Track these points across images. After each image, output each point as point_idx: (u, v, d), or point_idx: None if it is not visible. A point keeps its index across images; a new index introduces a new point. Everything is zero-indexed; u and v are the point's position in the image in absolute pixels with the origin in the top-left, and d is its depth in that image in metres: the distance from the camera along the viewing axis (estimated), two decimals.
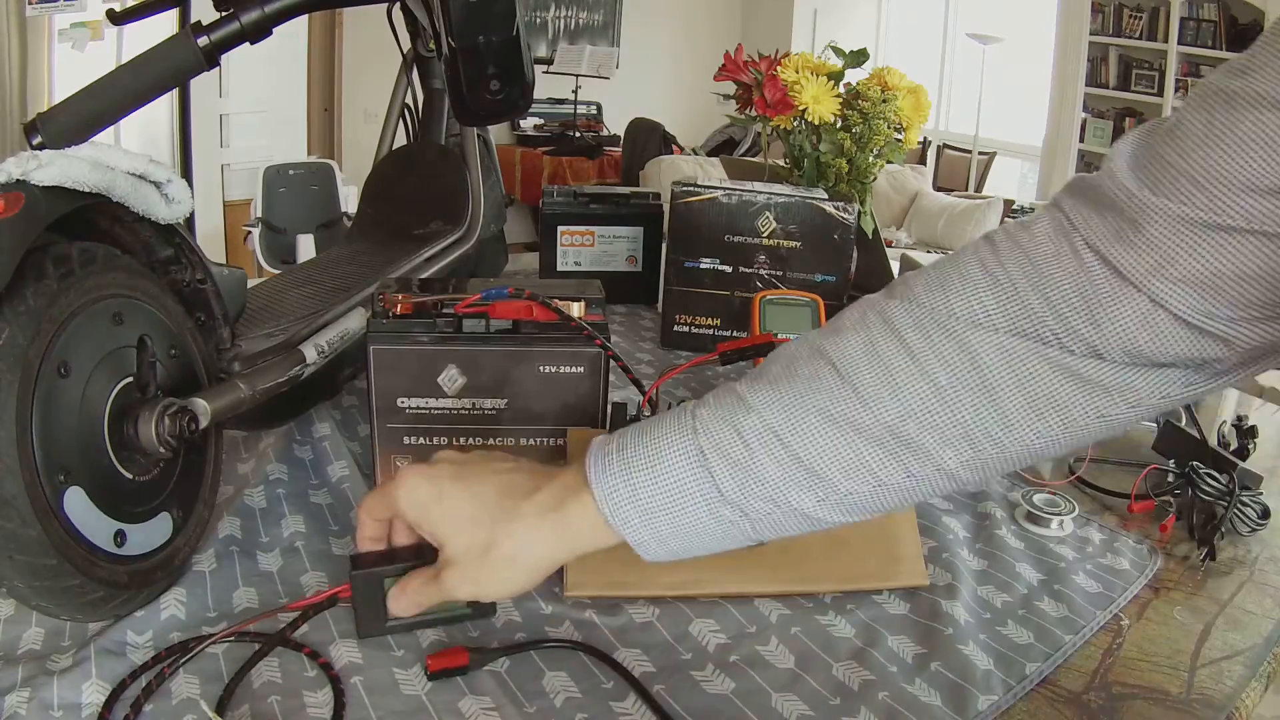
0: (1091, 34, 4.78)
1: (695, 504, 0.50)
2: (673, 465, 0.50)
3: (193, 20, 0.78)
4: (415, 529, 0.58)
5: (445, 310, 0.75)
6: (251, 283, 0.94)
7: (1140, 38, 4.58)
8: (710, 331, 1.18)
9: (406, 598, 0.58)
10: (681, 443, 0.50)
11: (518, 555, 0.53)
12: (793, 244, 1.13)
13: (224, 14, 0.79)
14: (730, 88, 1.29)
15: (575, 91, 5.22)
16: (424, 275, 1.11)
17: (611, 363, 0.77)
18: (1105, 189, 0.45)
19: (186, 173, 3.85)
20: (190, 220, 0.75)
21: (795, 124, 1.24)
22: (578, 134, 5.31)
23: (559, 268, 1.34)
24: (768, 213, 1.12)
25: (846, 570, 0.68)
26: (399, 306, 0.75)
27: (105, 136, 0.72)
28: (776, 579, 0.68)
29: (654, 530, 0.51)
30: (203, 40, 0.77)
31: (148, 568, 0.63)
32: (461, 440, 0.77)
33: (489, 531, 0.53)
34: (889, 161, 1.28)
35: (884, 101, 1.20)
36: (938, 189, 5.53)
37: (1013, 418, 0.47)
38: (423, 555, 0.59)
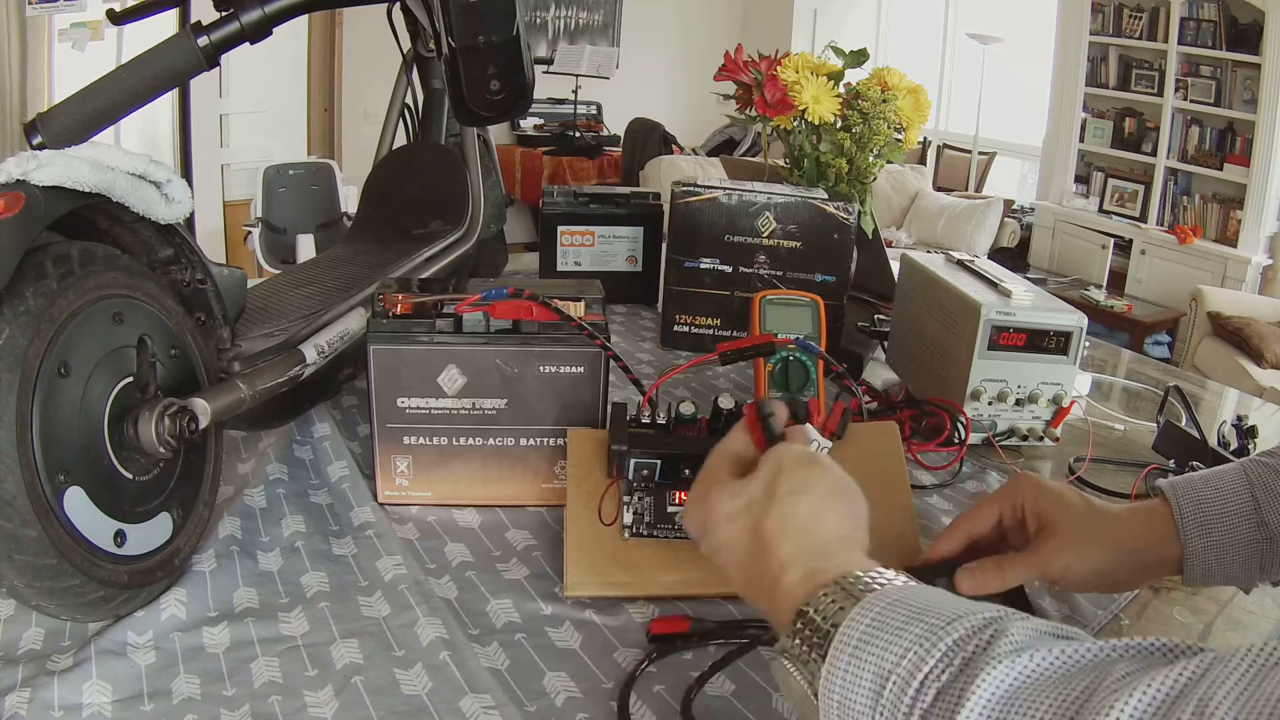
0: (1091, 34, 4.78)
1: None
2: None
3: (193, 20, 0.78)
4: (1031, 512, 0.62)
5: (445, 310, 0.75)
6: (251, 283, 0.94)
7: (1140, 38, 4.58)
8: (710, 331, 1.18)
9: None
10: None
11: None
12: (793, 244, 1.12)
13: (224, 14, 0.79)
14: (730, 88, 1.29)
15: (575, 91, 5.21)
16: (424, 275, 1.11)
17: (611, 363, 0.77)
18: None
19: (186, 173, 3.84)
20: (190, 220, 0.75)
21: (795, 124, 1.24)
22: (578, 134, 5.31)
23: (559, 268, 1.34)
24: (768, 213, 1.12)
25: None
26: (399, 306, 0.75)
27: (105, 136, 0.72)
28: None
29: None
30: (203, 40, 0.77)
31: (148, 568, 0.63)
32: (461, 441, 0.77)
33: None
34: (889, 161, 1.28)
35: (884, 101, 1.20)
36: (938, 189, 5.53)
37: None
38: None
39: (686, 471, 0.69)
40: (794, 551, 0.44)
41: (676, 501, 0.69)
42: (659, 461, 0.69)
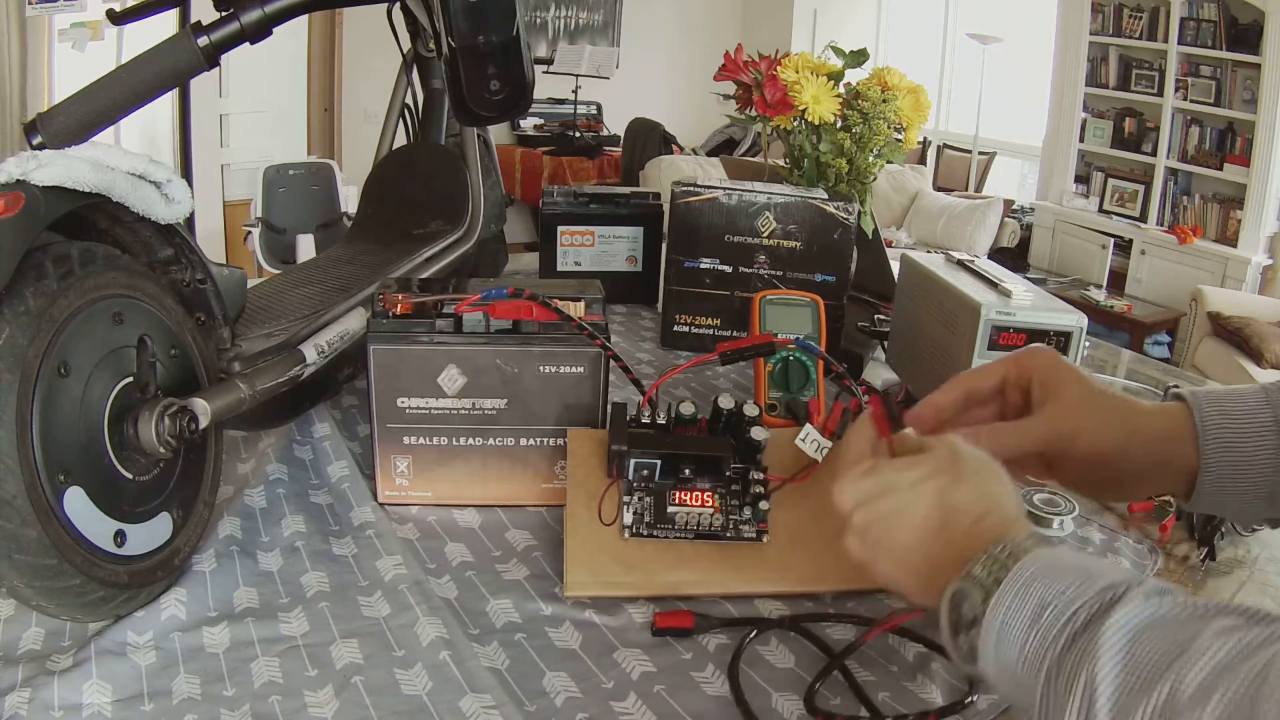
0: (1091, 34, 4.78)
1: None
2: None
3: (193, 20, 0.78)
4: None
5: (445, 310, 0.75)
6: (251, 283, 0.94)
7: (1140, 38, 4.58)
8: (710, 331, 1.18)
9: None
10: None
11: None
12: (793, 244, 1.12)
13: (224, 14, 0.79)
14: (730, 88, 1.29)
15: (575, 91, 5.21)
16: (424, 275, 1.11)
17: (611, 363, 0.77)
18: None
19: (186, 173, 3.84)
20: (190, 220, 0.75)
21: (795, 124, 1.24)
22: (578, 134, 5.31)
23: (559, 268, 1.34)
24: (768, 213, 1.12)
25: (846, 571, 0.68)
26: (399, 306, 0.75)
27: (105, 136, 0.72)
28: (776, 579, 0.68)
29: None
30: (203, 40, 0.77)
31: (148, 568, 0.63)
32: (461, 441, 0.77)
33: None
34: (889, 161, 1.28)
35: (884, 101, 1.20)
36: (938, 189, 5.53)
37: None
38: None
39: (686, 471, 0.69)
40: (987, 509, 0.50)
41: (676, 501, 0.69)
42: (659, 461, 0.69)
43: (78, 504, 0.58)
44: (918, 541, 0.51)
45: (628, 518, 0.69)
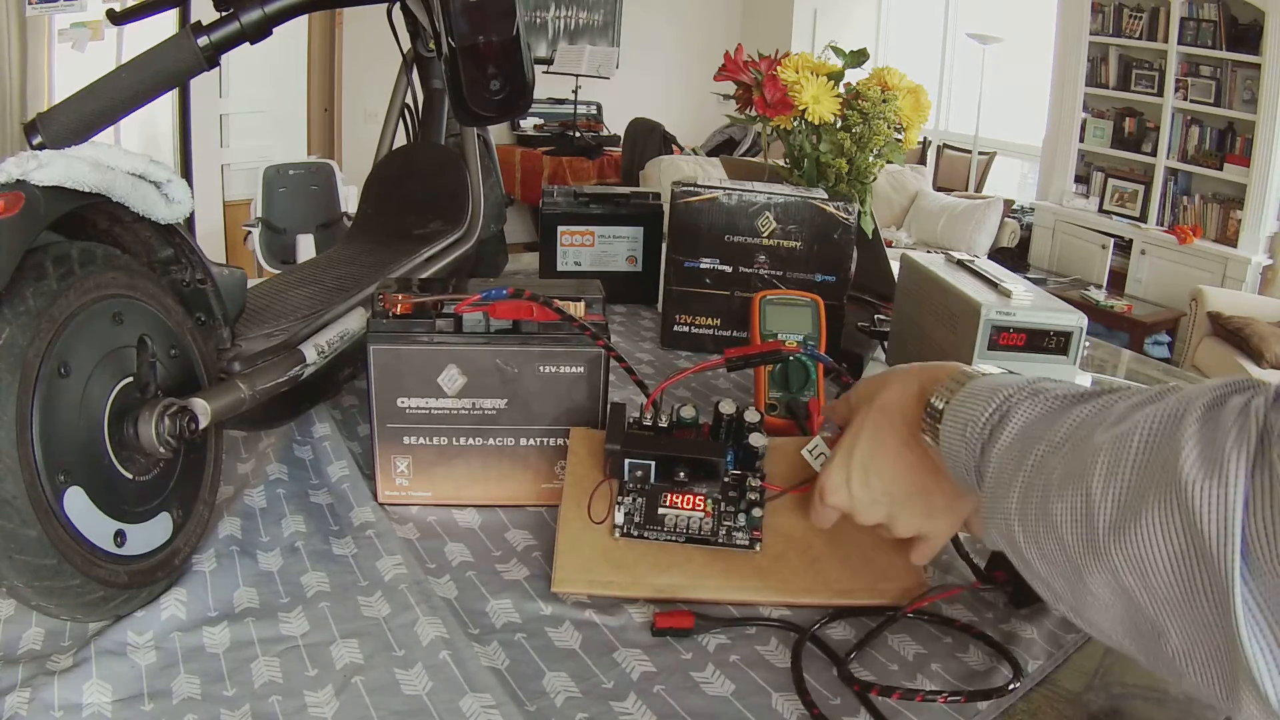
0: (1091, 34, 4.78)
1: None
2: None
3: (193, 20, 0.78)
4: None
5: (445, 310, 0.75)
6: (251, 283, 0.94)
7: (1140, 38, 4.58)
8: (710, 331, 1.18)
9: None
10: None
11: None
12: (793, 244, 1.12)
13: (224, 14, 0.79)
14: (730, 88, 1.29)
15: (575, 91, 5.22)
16: (424, 275, 1.11)
17: (611, 363, 0.77)
18: None
19: (186, 173, 3.84)
20: (190, 220, 0.75)
21: (795, 124, 1.24)
22: (578, 134, 5.31)
23: (559, 268, 1.34)
24: (768, 213, 1.12)
25: (838, 585, 0.68)
26: (399, 306, 0.75)
27: (105, 136, 0.72)
28: (767, 588, 0.67)
29: None
30: (203, 40, 0.77)
31: (148, 568, 0.64)
32: (461, 440, 0.77)
33: None
34: (889, 161, 1.28)
35: (884, 101, 1.20)
36: (938, 189, 5.53)
37: None
38: None
39: (681, 474, 0.69)
40: (918, 385, 0.59)
41: (667, 503, 0.69)
42: (654, 463, 0.69)
43: (78, 504, 0.58)
44: (895, 445, 0.59)
45: (619, 517, 0.69)
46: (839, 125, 1.23)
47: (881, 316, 1.24)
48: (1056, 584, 0.44)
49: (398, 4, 1.14)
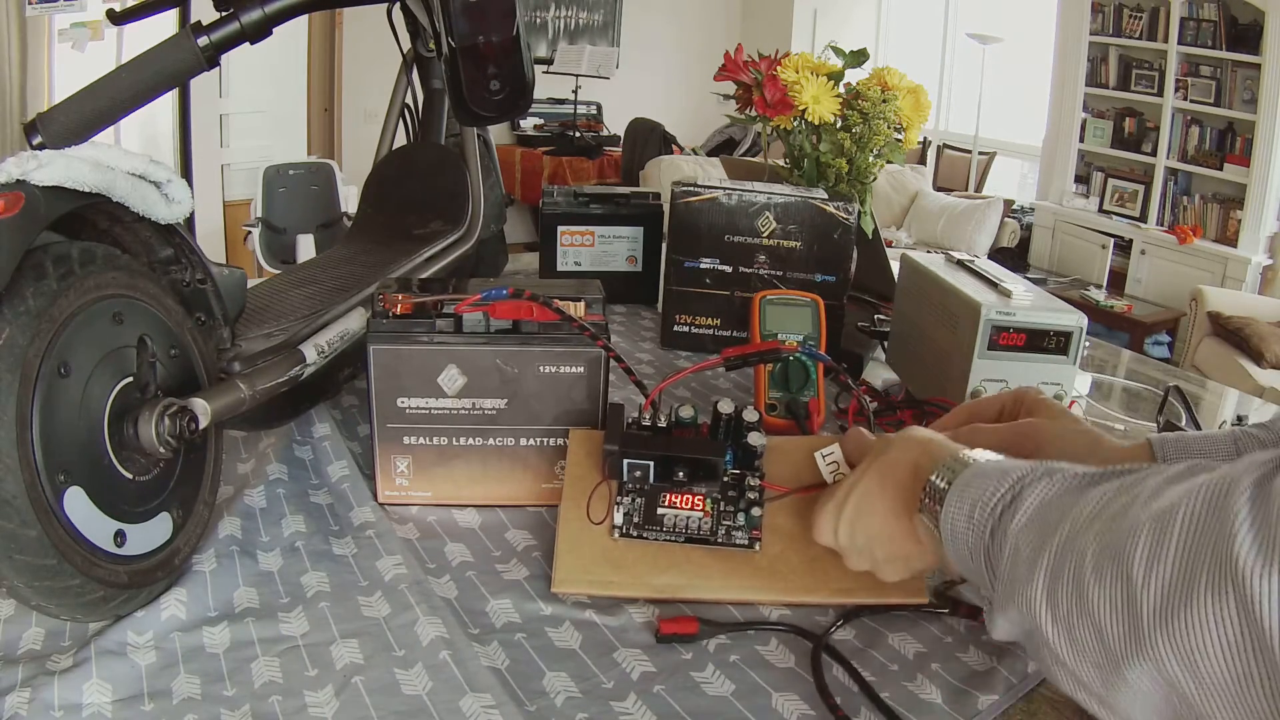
0: (1091, 34, 4.78)
1: None
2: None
3: (193, 20, 0.78)
4: None
5: (445, 310, 0.75)
6: (251, 283, 0.94)
7: (1140, 38, 4.58)
8: (710, 331, 1.18)
9: None
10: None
11: None
12: (793, 244, 1.13)
13: (224, 14, 0.79)
14: (730, 88, 1.29)
15: (575, 91, 5.21)
16: (424, 275, 1.11)
17: (611, 363, 0.77)
18: None
19: (186, 173, 3.84)
20: (190, 220, 0.75)
21: (795, 124, 1.24)
22: (578, 134, 5.31)
23: (559, 268, 1.34)
24: (768, 213, 1.12)
25: (838, 584, 0.68)
26: (399, 306, 0.75)
27: (105, 136, 0.72)
28: (767, 588, 0.67)
29: None
30: (203, 40, 0.77)
31: (148, 568, 0.64)
32: (461, 441, 0.77)
33: None
34: (889, 161, 1.28)
35: (884, 101, 1.20)
36: (938, 189, 5.52)
37: None
38: None
39: (680, 474, 0.69)
40: (919, 454, 0.58)
41: (666, 503, 0.69)
42: (652, 463, 0.69)
43: (78, 504, 0.58)
44: (885, 511, 0.59)
45: (618, 518, 0.69)
46: (839, 125, 1.23)
47: (881, 316, 1.24)
48: (1085, 673, 0.41)
49: (398, 4, 1.14)
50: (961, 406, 0.73)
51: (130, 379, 0.64)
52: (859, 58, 1.26)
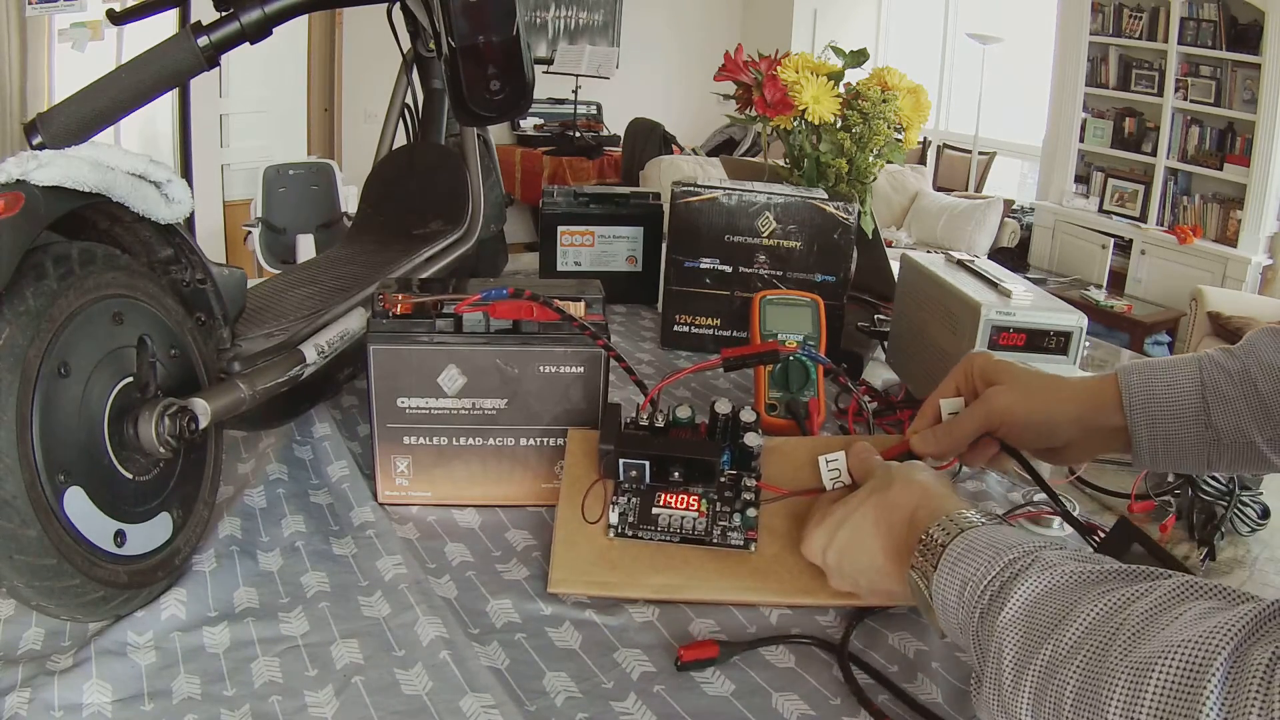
0: (1091, 34, 4.78)
1: None
2: None
3: (193, 20, 0.78)
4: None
5: (445, 310, 0.75)
6: (251, 283, 0.94)
7: (1140, 38, 4.58)
8: (710, 331, 1.18)
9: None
10: None
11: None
12: (793, 244, 1.13)
13: (224, 14, 0.79)
14: (730, 88, 1.29)
15: (575, 91, 5.22)
16: (424, 275, 1.11)
17: (611, 363, 0.77)
18: None
19: (186, 173, 3.84)
20: (190, 220, 0.75)
21: (795, 124, 1.24)
22: (578, 134, 5.31)
23: (559, 268, 1.34)
24: (768, 213, 1.12)
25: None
26: (399, 306, 0.75)
27: (105, 136, 0.72)
28: (763, 589, 0.67)
29: None
30: (203, 40, 0.77)
31: (148, 568, 0.63)
32: (461, 440, 0.77)
33: None
34: (889, 161, 1.28)
35: (884, 101, 1.20)
36: (938, 189, 5.53)
37: None
38: None
39: (676, 474, 0.69)
40: (919, 500, 0.58)
41: (661, 503, 0.69)
42: (647, 463, 0.69)
43: (78, 504, 0.58)
44: (875, 549, 0.59)
45: (613, 517, 0.69)
46: (839, 125, 1.23)
47: (881, 316, 1.24)
48: None
49: (398, 4, 1.14)
50: (928, 401, 0.71)
51: (130, 379, 0.64)
52: (859, 58, 1.26)
